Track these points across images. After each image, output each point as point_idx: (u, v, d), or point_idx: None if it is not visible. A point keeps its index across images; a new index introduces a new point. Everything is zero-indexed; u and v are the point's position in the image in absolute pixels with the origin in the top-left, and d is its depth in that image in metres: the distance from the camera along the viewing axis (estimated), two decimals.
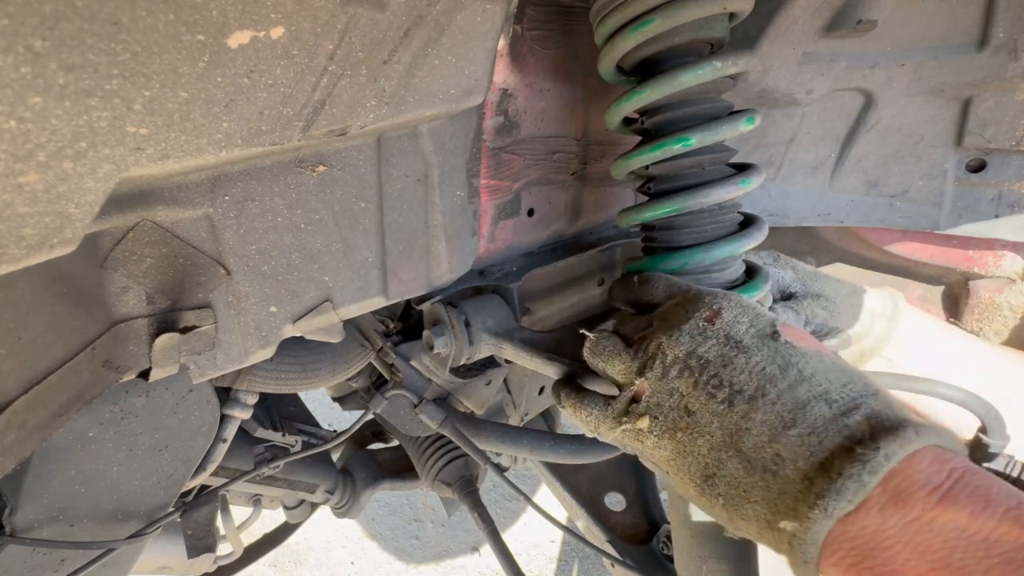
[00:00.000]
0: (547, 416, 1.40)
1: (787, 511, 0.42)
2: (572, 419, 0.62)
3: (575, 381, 0.65)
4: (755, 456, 0.45)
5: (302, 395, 1.46)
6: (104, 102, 0.34)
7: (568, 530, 0.85)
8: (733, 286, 0.67)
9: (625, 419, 0.55)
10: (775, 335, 0.50)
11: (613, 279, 1.03)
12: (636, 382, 0.55)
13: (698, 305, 0.54)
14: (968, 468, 0.40)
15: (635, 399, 0.54)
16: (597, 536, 1.27)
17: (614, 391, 0.58)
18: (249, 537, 1.31)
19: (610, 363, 0.58)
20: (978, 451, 0.84)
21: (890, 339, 0.90)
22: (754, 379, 0.48)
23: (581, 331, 0.61)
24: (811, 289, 0.90)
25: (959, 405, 0.76)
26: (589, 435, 0.60)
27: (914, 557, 0.37)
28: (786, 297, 0.90)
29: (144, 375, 0.53)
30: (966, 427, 0.84)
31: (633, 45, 0.61)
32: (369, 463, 1.45)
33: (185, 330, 0.52)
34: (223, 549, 1.13)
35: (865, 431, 0.42)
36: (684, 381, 0.51)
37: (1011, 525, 0.36)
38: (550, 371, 0.72)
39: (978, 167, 0.95)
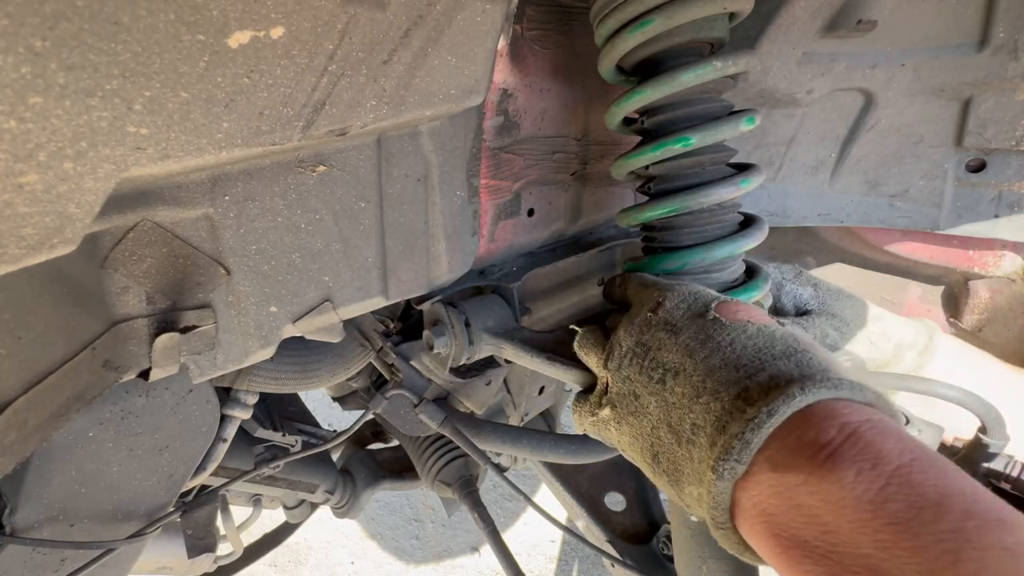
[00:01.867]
0: (547, 416, 1.40)
1: (700, 478, 0.43)
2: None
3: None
4: (680, 428, 0.46)
5: (302, 395, 1.46)
6: (104, 102, 0.34)
7: (568, 530, 0.85)
8: (733, 286, 0.67)
9: (597, 411, 0.57)
10: (705, 313, 0.51)
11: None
12: (602, 374, 0.57)
13: (648, 298, 0.57)
14: (865, 422, 0.37)
15: (605, 391, 0.56)
16: (597, 536, 1.27)
17: None
18: (249, 537, 1.31)
19: (589, 357, 0.60)
20: (978, 451, 0.84)
21: (921, 373, 0.85)
22: (679, 356, 0.49)
23: (571, 327, 0.64)
24: (828, 308, 0.88)
25: (959, 405, 0.76)
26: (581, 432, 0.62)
27: (808, 522, 0.36)
28: (801, 313, 0.89)
29: (144, 375, 0.53)
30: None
31: (633, 45, 0.61)
32: (369, 463, 1.45)
33: (185, 330, 0.52)
34: (223, 549, 1.13)
35: (759, 392, 0.41)
36: (632, 368, 0.53)
37: (900, 485, 0.33)
38: (569, 378, 0.72)
39: (978, 167, 0.95)
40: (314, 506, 1.37)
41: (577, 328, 0.63)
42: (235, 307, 0.56)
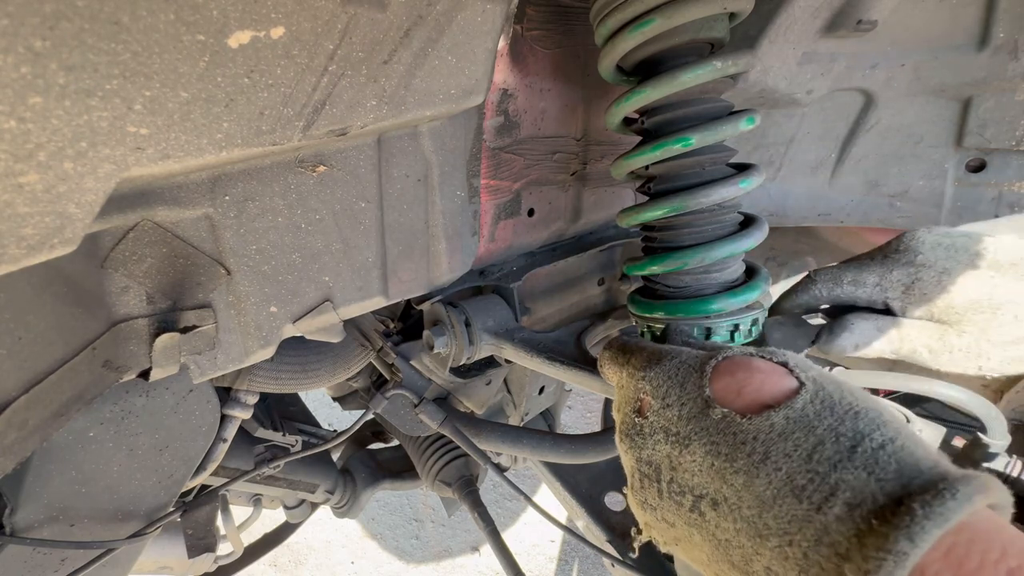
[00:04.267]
0: (547, 416, 1.41)
1: None
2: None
3: None
4: (749, 569, 0.37)
5: (302, 395, 1.46)
6: (104, 102, 0.34)
7: (568, 530, 0.85)
8: (733, 286, 0.67)
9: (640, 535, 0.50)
10: (707, 407, 0.41)
11: (612, 280, 1.03)
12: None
13: (628, 393, 0.48)
14: (1002, 557, 0.28)
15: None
16: (597, 536, 1.27)
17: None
18: (249, 537, 1.31)
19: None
20: (978, 451, 0.84)
21: None
22: (708, 479, 0.40)
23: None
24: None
25: (959, 405, 0.76)
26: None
27: None
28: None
29: (144, 375, 0.53)
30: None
31: (633, 45, 0.61)
32: (369, 463, 1.45)
33: (185, 330, 0.52)
34: (223, 549, 1.13)
35: (852, 543, 0.31)
36: (649, 492, 0.45)
37: None
38: (569, 378, 0.72)
39: (978, 167, 0.95)
40: (314, 506, 1.37)
41: None
42: (235, 307, 0.56)
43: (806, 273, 0.73)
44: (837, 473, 0.34)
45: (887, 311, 0.68)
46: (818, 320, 0.74)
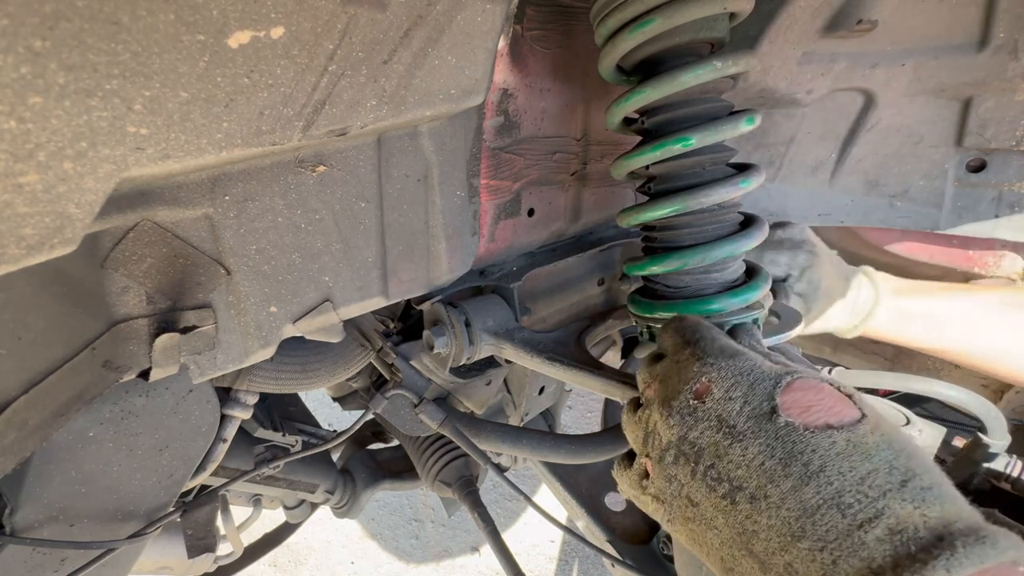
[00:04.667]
0: (547, 416, 1.41)
1: None
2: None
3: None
4: (768, 561, 0.40)
5: (302, 395, 1.46)
6: (104, 102, 0.34)
7: (568, 530, 0.85)
8: (733, 286, 0.67)
9: (639, 492, 0.52)
10: (773, 413, 0.43)
11: (612, 280, 1.03)
12: (641, 458, 0.52)
13: (689, 374, 0.49)
14: None
15: (646, 473, 0.51)
16: (597, 536, 1.27)
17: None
18: (249, 537, 1.31)
19: (627, 428, 0.55)
20: (978, 451, 0.84)
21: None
22: (753, 475, 0.42)
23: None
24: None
25: (959, 405, 0.76)
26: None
27: None
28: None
29: (144, 375, 0.53)
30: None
31: (633, 45, 0.61)
32: (369, 463, 1.45)
33: (185, 330, 0.52)
34: (223, 549, 1.13)
35: (887, 561, 0.34)
36: (681, 469, 0.46)
37: None
38: (569, 378, 0.72)
39: (978, 167, 0.95)
40: (314, 506, 1.37)
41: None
42: (235, 307, 0.56)
43: None
44: (885, 500, 0.37)
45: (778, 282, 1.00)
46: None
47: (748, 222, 0.69)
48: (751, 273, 0.70)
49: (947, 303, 1.01)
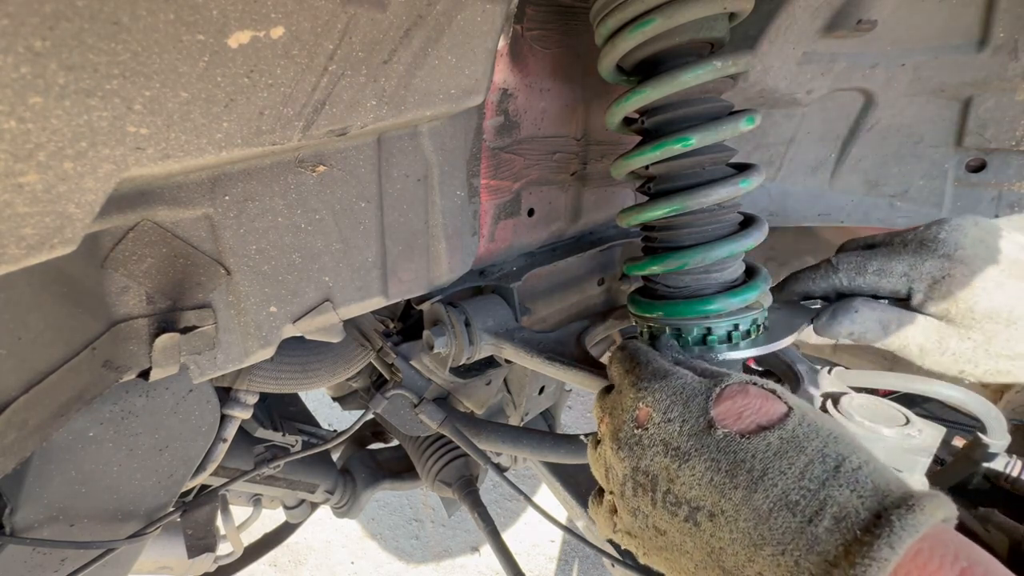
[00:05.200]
0: (547, 416, 1.41)
1: None
2: None
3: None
4: (741, 574, 0.41)
5: (302, 395, 1.46)
6: (104, 102, 0.34)
7: (568, 530, 0.85)
8: (733, 286, 0.67)
9: (614, 528, 0.52)
10: (711, 427, 0.45)
11: (612, 280, 1.03)
12: (607, 495, 0.52)
13: (627, 401, 0.50)
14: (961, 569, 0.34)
15: (615, 508, 0.52)
16: (597, 536, 1.27)
17: None
18: (249, 537, 1.31)
19: (592, 465, 0.56)
20: (978, 451, 0.84)
21: None
22: (706, 492, 0.43)
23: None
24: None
25: (959, 405, 0.76)
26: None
27: None
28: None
29: (144, 375, 0.53)
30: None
31: (633, 45, 0.61)
32: (369, 463, 1.45)
33: (185, 330, 0.52)
34: (223, 549, 1.13)
35: (840, 551, 0.36)
36: (641, 500, 0.47)
37: None
38: (569, 378, 0.72)
39: (978, 167, 0.95)
40: (314, 506, 1.37)
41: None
42: (235, 307, 0.56)
43: (827, 258, 0.71)
44: (825, 490, 0.39)
45: (899, 300, 0.66)
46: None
47: (748, 222, 0.68)
48: (751, 273, 0.70)
49: None
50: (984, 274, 0.60)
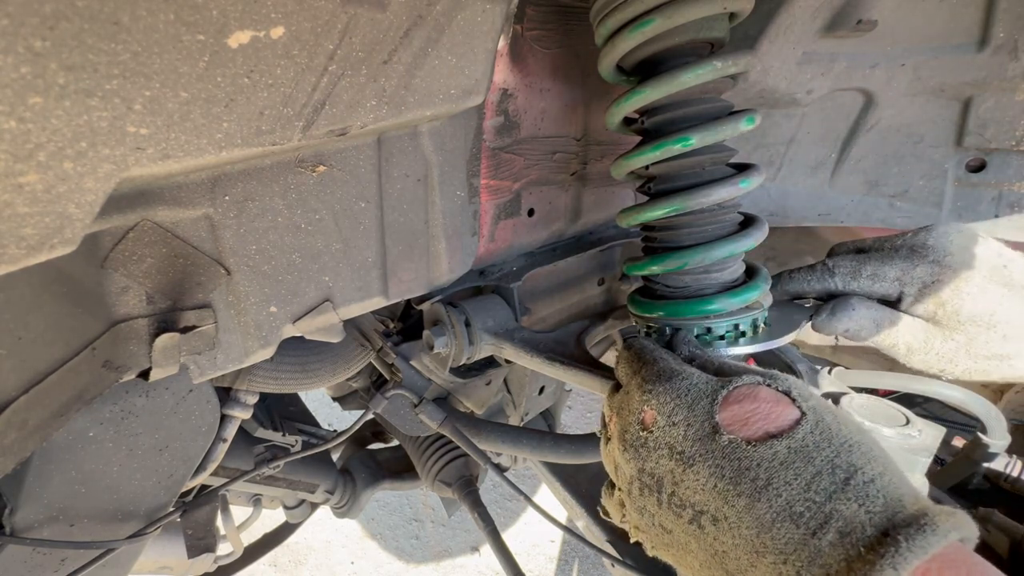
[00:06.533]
0: (547, 416, 1.41)
1: None
2: None
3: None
4: None
5: (302, 395, 1.46)
6: (104, 102, 0.34)
7: (568, 530, 0.85)
8: (733, 286, 0.67)
9: (623, 519, 0.53)
10: (716, 432, 0.44)
11: (612, 280, 1.03)
12: (617, 491, 0.53)
13: (633, 403, 0.51)
14: None
15: (623, 504, 0.53)
16: (597, 536, 1.27)
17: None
18: (249, 537, 1.31)
19: (604, 461, 0.56)
20: (978, 451, 0.84)
21: None
22: (710, 497, 0.43)
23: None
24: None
25: (959, 405, 0.76)
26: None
27: None
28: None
29: (144, 375, 0.53)
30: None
31: (633, 45, 0.61)
32: (369, 463, 1.45)
33: (185, 330, 0.52)
34: (223, 549, 1.13)
35: (842, 567, 0.35)
36: (648, 500, 0.48)
37: None
38: (569, 378, 0.72)
39: (978, 167, 0.95)
40: (314, 506, 1.37)
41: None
42: (235, 307, 0.56)
43: (821, 260, 0.73)
44: (832, 503, 0.38)
45: (888, 302, 0.69)
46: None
47: (748, 222, 0.69)
48: (751, 273, 0.70)
49: None
50: (970, 280, 0.64)
